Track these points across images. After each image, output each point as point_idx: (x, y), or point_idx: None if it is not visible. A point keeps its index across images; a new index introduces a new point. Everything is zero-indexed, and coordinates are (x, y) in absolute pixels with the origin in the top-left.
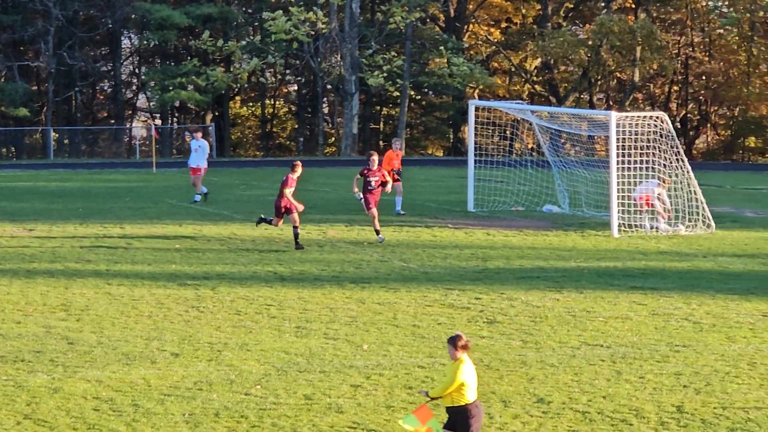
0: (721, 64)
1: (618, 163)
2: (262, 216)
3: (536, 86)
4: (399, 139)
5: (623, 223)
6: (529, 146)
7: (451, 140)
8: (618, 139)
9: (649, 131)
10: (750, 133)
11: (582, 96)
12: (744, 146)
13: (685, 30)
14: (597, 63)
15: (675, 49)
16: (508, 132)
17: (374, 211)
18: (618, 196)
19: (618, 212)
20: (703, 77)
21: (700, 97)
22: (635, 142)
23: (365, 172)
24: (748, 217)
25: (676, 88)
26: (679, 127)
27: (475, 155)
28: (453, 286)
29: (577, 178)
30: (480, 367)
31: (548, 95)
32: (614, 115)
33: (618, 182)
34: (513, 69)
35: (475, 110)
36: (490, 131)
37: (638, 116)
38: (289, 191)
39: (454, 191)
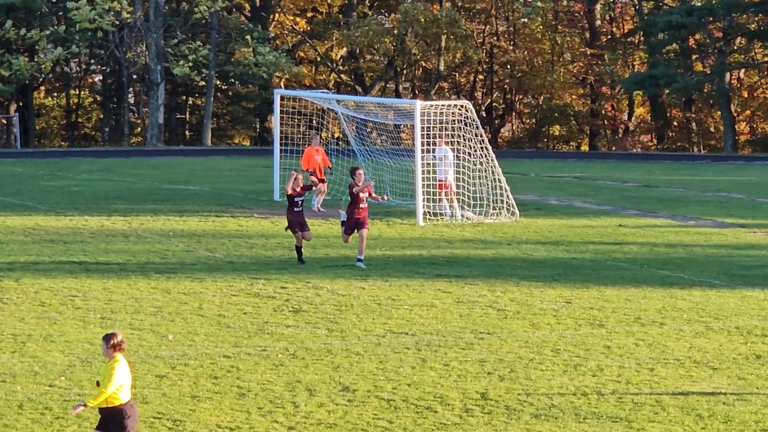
0: (526, 53)
1: (423, 152)
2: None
3: (342, 75)
4: (317, 135)
5: (428, 212)
6: (336, 135)
7: (258, 130)
8: (423, 127)
9: (454, 120)
10: (554, 122)
11: (388, 85)
12: (548, 134)
13: (490, 19)
14: (402, 52)
15: (480, 39)
16: (314, 121)
17: (363, 232)
18: (423, 184)
19: (423, 201)
20: (508, 66)
21: (505, 86)
22: (440, 130)
23: (352, 186)
24: (552, 204)
25: (481, 77)
26: (484, 115)
27: (282, 145)
28: (259, 276)
29: (382, 166)
30: (286, 356)
31: (354, 84)
32: (419, 104)
33: (423, 171)
34: (319, 58)
35: (281, 100)
36: (296, 121)
37: (443, 105)
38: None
39: (260, 181)
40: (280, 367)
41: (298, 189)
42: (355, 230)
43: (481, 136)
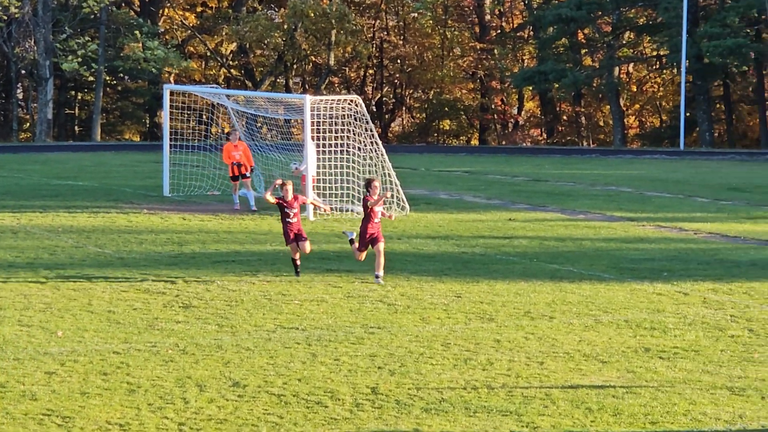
0: (416, 47)
1: (317, 146)
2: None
3: (232, 70)
4: (235, 130)
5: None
6: (226, 131)
7: (148, 125)
8: (313, 122)
9: (344, 114)
10: (444, 116)
11: (278, 80)
12: (439, 129)
13: (380, 14)
14: (292, 47)
15: (370, 33)
16: (204, 116)
17: (380, 246)
18: (314, 179)
19: (313, 195)
20: (398, 61)
21: (395, 81)
22: (330, 125)
23: (367, 200)
24: (442, 198)
25: (371, 71)
26: (374, 110)
27: (171, 140)
28: (149, 271)
29: (273, 161)
30: (176, 352)
31: (244, 79)
32: (308, 99)
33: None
34: (209, 53)
35: (171, 95)
36: (186, 116)
37: (333, 99)
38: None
39: (150, 176)
40: (170, 362)
41: (290, 198)
42: (370, 246)
43: (371, 130)
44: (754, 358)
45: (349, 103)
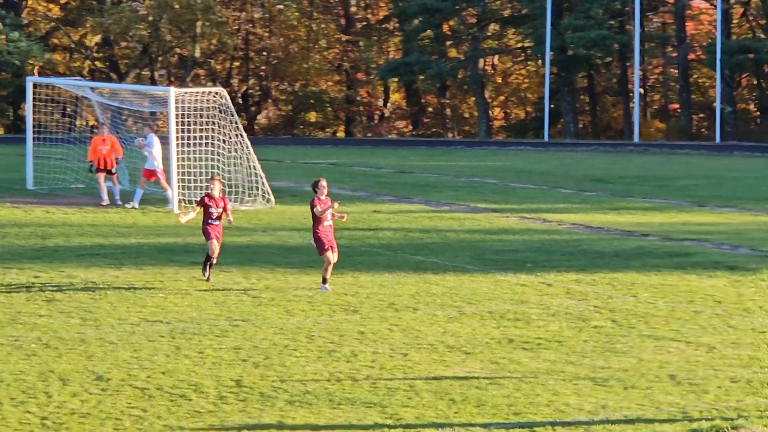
0: (281, 39)
1: (178, 139)
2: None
3: (97, 63)
4: (103, 125)
5: (183, 199)
6: (90, 123)
7: (11, 118)
8: (178, 115)
9: (209, 107)
10: (310, 108)
11: (143, 72)
12: (305, 121)
13: (245, 5)
14: (157, 39)
15: (235, 25)
16: (68, 109)
17: (329, 254)
18: (178, 172)
19: (178, 188)
20: (264, 53)
21: (261, 73)
22: (196, 118)
23: (315, 203)
24: (307, 191)
25: (237, 63)
26: (240, 102)
27: (35, 132)
28: (11, 265)
29: (137, 154)
30: (39, 346)
31: (109, 72)
32: (173, 91)
33: (178, 158)
34: (73, 45)
35: (34, 87)
36: (50, 108)
37: (197, 92)
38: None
39: (13, 169)
40: (33, 357)
41: (217, 195)
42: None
43: (236, 123)
44: (617, 349)
45: (214, 96)
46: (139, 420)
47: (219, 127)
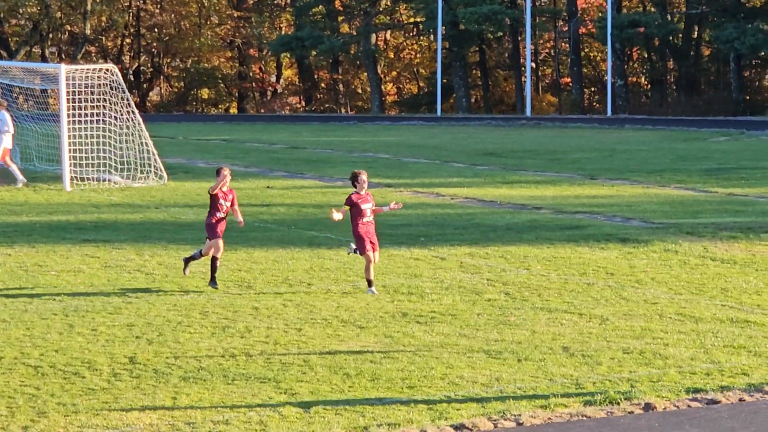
0: (173, 16)
1: (69, 117)
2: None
3: None
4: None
5: (75, 177)
6: None
7: None
8: (69, 92)
9: (100, 84)
10: (203, 85)
11: (34, 50)
12: (197, 98)
13: None
14: (47, 16)
15: (126, 2)
16: None
17: (370, 254)
18: (70, 149)
19: (70, 165)
20: (155, 29)
21: (153, 50)
22: (87, 95)
23: (354, 199)
24: (199, 167)
25: (128, 40)
26: (132, 79)
27: None
28: None
29: (28, 132)
30: None
31: None
32: (63, 68)
33: (69, 135)
34: None
35: None
36: None
37: (88, 69)
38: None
39: None
40: None
41: (225, 188)
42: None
43: (128, 100)
44: (510, 321)
45: (105, 73)
46: (33, 398)
47: (110, 104)
